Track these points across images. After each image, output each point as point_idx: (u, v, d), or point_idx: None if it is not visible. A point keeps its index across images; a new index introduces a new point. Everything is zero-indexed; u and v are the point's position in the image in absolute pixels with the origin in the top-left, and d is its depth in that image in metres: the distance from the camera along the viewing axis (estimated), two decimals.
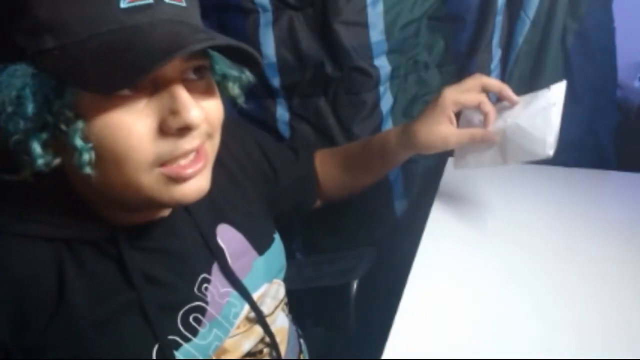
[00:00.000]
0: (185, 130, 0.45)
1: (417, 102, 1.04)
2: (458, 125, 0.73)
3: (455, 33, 1.01)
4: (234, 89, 0.55)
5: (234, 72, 0.54)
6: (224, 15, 0.97)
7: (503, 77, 1.04)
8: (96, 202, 0.50)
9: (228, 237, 0.63)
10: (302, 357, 0.74)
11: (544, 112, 0.67)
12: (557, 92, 0.68)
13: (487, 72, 1.01)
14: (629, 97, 1.18)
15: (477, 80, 0.71)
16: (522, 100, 0.70)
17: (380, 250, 1.10)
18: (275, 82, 0.99)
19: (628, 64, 1.10)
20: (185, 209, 0.59)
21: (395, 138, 0.77)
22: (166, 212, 0.56)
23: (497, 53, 1.01)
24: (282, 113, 1.03)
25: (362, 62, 0.95)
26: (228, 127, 0.64)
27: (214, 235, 0.61)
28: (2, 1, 0.42)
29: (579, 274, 0.66)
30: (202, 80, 0.48)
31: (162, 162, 0.45)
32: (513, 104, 0.71)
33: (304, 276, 1.08)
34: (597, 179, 0.94)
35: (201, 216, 0.60)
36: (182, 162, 0.46)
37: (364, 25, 0.94)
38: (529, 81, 1.03)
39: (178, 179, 0.46)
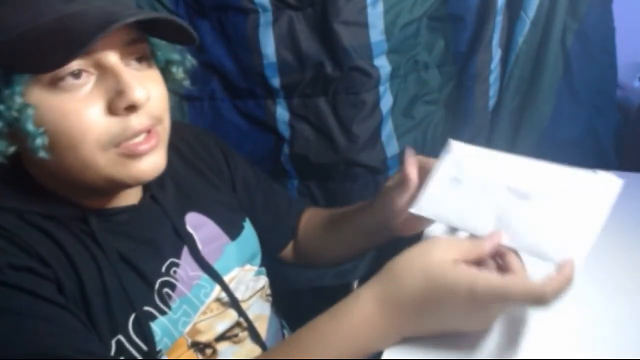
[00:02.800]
0: (132, 108, 0.48)
1: (417, 102, 1.04)
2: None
3: (455, 33, 1.01)
4: (179, 73, 0.59)
5: (176, 56, 0.58)
6: (223, 15, 0.97)
7: (503, 77, 1.04)
8: (61, 189, 0.53)
9: (197, 224, 0.65)
10: None
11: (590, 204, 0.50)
12: (609, 190, 0.50)
13: (487, 72, 1.01)
14: (629, 97, 1.18)
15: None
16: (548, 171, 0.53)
17: (380, 250, 1.10)
18: (275, 82, 0.99)
19: (628, 64, 1.10)
20: (153, 199, 0.62)
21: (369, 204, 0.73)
22: (135, 200, 0.60)
23: (497, 53, 1.01)
24: (282, 113, 1.03)
25: (362, 62, 0.95)
26: (195, 133, 0.73)
27: (182, 223, 0.63)
28: None
29: (578, 273, 0.66)
30: (146, 68, 0.52)
31: (117, 143, 0.49)
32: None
33: (304, 276, 1.08)
34: None
35: (169, 205, 0.63)
36: (136, 140, 0.50)
37: (364, 25, 0.94)
38: (529, 81, 1.03)
39: (133, 155, 0.50)
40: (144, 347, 0.53)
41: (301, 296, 1.05)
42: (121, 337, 0.52)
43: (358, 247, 0.80)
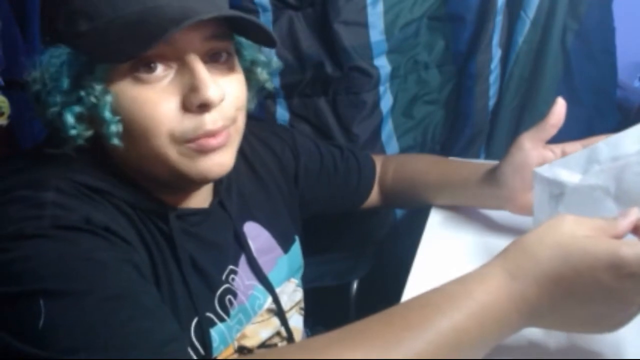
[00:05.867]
0: (205, 107, 0.48)
1: (417, 102, 1.04)
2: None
3: (455, 33, 1.01)
4: (263, 74, 0.58)
5: (262, 57, 0.57)
6: None
7: (503, 77, 1.04)
8: (141, 180, 0.53)
9: (255, 234, 0.65)
10: None
11: None
12: None
13: (487, 72, 1.01)
14: (629, 97, 1.18)
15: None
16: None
17: (380, 250, 1.10)
18: (275, 82, 0.99)
19: (628, 64, 1.10)
20: (220, 205, 0.62)
21: (483, 173, 0.72)
22: (206, 204, 0.60)
23: (497, 53, 1.01)
24: (282, 113, 1.03)
25: (362, 62, 0.95)
26: (263, 137, 0.71)
27: (242, 231, 0.63)
28: None
29: None
30: (226, 63, 0.51)
31: (188, 139, 0.48)
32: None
33: (304, 276, 1.08)
34: None
35: (234, 212, 0.63)
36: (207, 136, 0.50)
37: (364, 25, 0.94)
38: (529, 81, 1.03)
39: (203, 150, 0.49)
40: (202, 352, 0.53)
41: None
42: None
43: (460, 203, 0.79)
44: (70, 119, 0.47)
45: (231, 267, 0.60)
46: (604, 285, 0.39)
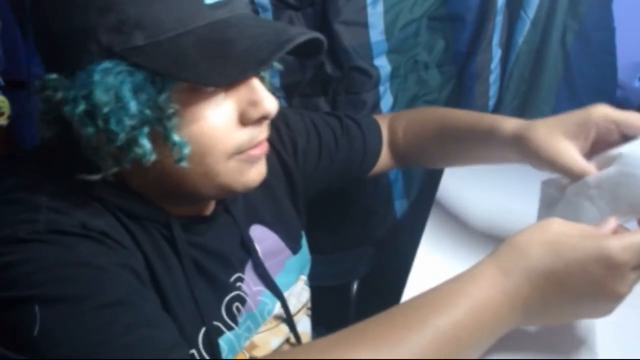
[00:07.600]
0: (262, 119, 0.48)
1: (417, 102, 1.04)
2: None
3: (455, 33, 1.01)
4: (265, 75, 0.57)
5: (265, 73, 0.56)
6: None
7: (503, 77, 1.04)
8: (149, 193, 0.51)
9: (261, 237, 0.64)
10: None
11: None
12: None
13: (487, 72, 1.01)
14: (629, 97, 1.18)
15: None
16: None
17: (380, 250, 1.10)
18: (275, 82, 0.99)
19: (628, 64, 1.10)
20: (225, 210, 0.60)
21: (508, 134, 0.64)
22: (208, 211, 0.58)
23: (497, 53, 1.01)
24: None
25: (362, 62, 0.95)
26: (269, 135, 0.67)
27: (248, 236, 0.62)
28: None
29: None
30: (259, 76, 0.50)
31: (239, 152, 0.48)
32: None
33: None
34: None
35: (239, 217, 0.61)
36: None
37: (364, 25, 0.94)
38: (529, 81, 1.03)
39: (251, 161, 0.49)
40: None
41: None
42: (194, 352, 0.50)
43: (475, 163, 0.76)
44: (147, 143, 0.43)
45: (238, 274, 0.59)
46: (593, 278, 0.42)
